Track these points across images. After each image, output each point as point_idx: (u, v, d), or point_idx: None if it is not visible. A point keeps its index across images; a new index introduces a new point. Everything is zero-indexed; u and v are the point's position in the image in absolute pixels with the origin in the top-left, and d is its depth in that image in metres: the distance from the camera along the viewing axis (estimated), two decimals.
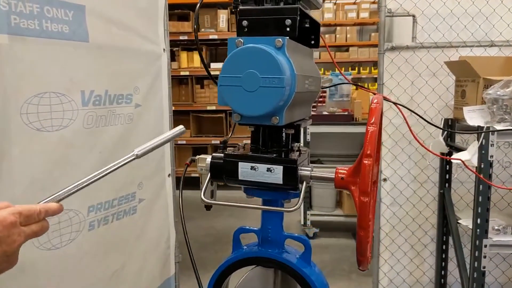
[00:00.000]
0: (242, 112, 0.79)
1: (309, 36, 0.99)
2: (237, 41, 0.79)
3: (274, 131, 0.89)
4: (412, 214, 2.63)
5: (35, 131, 1.91)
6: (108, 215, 2.30)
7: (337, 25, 9.10)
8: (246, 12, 0.84)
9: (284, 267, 0.95)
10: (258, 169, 0.85)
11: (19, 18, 1.79)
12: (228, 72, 0.77)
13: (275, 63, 0.74)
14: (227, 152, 0.89)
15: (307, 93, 0.88)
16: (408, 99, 2.56)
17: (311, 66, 0.96)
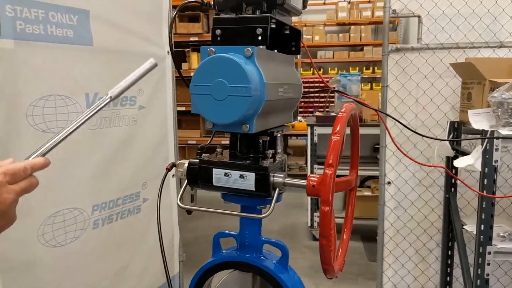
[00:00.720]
0: (212, 120, 0.81)
1: (289, 43, 1.00)
2: (209, 50, 0.81)
3: (249, 138, 0.91)
4: (417, 218, 2.60)
5: (41, 132, 1.96)
6: (112, 214, 2.35)
7: (351, 24, 9.04)
8: (219, 21, 0.86)
9: (260, 272, 0.96)
10: (231, 176, 0.86)
11: (24, 23, 1.84)
12: (199, 81, 0.79)
13: (243, 72, 0.75)
14: (202, 158, 0.91)
15: (281, 100, 0.89)
16: (413, 101, 2.54)
17: (289, 73, 0.97)
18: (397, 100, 2.55)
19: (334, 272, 0.84)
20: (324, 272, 0.82)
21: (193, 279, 1.00)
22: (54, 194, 2.04)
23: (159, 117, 2.59)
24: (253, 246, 0.97)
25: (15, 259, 1.87)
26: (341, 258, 0.94)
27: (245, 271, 0.98)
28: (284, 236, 4.21)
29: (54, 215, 2.04)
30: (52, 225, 2.03)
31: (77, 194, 2.15)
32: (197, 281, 0.99)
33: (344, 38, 9.00)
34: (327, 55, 9.22)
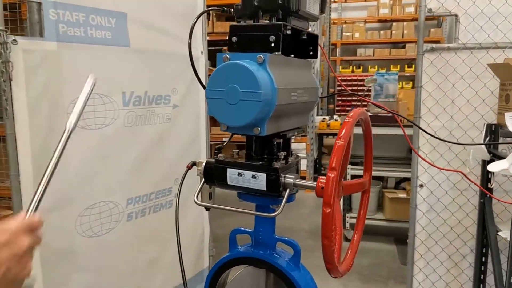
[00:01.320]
0: (225, 122, 0.85)
1: (307, 47, 1.03)
2: (224, 57, 0.85)
3: (262, 140, 0.94)
4: (450, 222, 2.54)
5: (80, 129, 2.08)
6: (145, 208, 2.45)
7: (393, 21, 8.83)
8: (235, 28, 0.90)
9: (272, 269, 1.00)
10: (244, 176, 0.90)
11: (66, 26, 1.96)
12: (214, 86, 0.83)
13: (253, 78, 0.79)
14: (218, 158, 0.96)
15: (295, 104, 0.92)
16: (448, 102, 2.48)
17: (304, 77, 1.00)
18: (431, 101, 2.50)
19: (339, 271, 0.86)
20: (328, 271, 0.84)
21: (210, 272, 1.05)
22: (91, 187, 2.15)
23: (192, 115, 2.67)
24: (267, 244, 1.00)
25: (54, 247, 2.00)
26: (350, 259, 0.96)
27: (259, 267, 1.02)
28: (314, 236, 4.21)
29: (91, 207, 2.16)
30: (89, 216, 2.15)
31: (112, 187, 2.26)
32: (214, 274, 1.04)
33: (385, 35, 8.83)
34: (367, 52, 9.08)
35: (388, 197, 3.98)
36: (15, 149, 1.81)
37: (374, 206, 4.10)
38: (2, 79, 1.73)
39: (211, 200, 1.04)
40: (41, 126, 1.90)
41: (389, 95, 4.18)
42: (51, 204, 1.98)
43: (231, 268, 1.06)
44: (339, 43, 9.05)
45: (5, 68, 1.72)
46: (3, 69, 1.72)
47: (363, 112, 0.88)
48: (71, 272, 2.09)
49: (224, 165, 0.93)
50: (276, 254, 1.02)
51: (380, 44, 8.98)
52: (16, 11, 2.77)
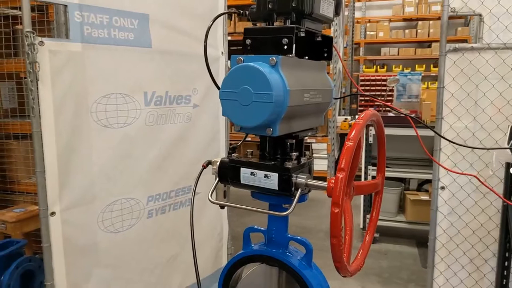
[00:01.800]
0: (238, 123, 0.87)
1: (321, 49, 1.04)
2: (238, 59, 0.87)
3: (275, 141, 0.96)
4: (472, 226, 2.49)
5: (103, 127, 2.14)
6: (165, 206, 2.50)
7: (419, 20, 8.70)
8: (249, 31, 0.92)
9: (285, 267, 1.01)
10: (257, 175, 0.92)
11: (91, 28, 2.02)
12: (227, 87, 0.86)
13: (265, 80, 0.80)
14: (231, 157, 0.98)
15: (308, 105, 0.93)
16: (471, 103, 2.44)
17: (318, 78, 1.01)
18: (454, 102, 2.46)
19: (348, 271, 0.87)
20: (337, 269, 0.85)
21: (224, 269, 1.07)
22: (113, 184, 2.21)
23: (212, 115, 2.71)
24: (279, 242, 1.02)
25: (77, 242, 2.06)
26: (361, 259, 0.96)
27: (271, 265, 1.04)
28: None
29: (112, 203, 2.22)
30: (111, 213, 2.21)
31: (134, 185, 2.32)
32: (228, 271, 1.07)
33: (410, 34, 8.70)
34: (391, 51, 8.96)
35: (410, 199, 3.93)
36: (41, 146, 1.87)
37: (395, 208, 4.05)
38: (30, 79, 1.79)
39: (226, 198, 1.06)
40: (66, 125, 1.96)
41: (412, 95, 4.12)
42: (75, 200, 2.05)
43: (245, 265, 1.08)
44: (363, 43, 8.95)
45: (32, 68, 1.78)
46: (30, 70, 1.78)
47: (374, 114, 0.88)
48: (93, 267, 2.15)
49: (237, 165, 0.95)
50: (288, 253, 1.03)
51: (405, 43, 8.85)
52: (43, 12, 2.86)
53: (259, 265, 1.06)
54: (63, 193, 2.00)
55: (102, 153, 2.15)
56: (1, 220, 2.74)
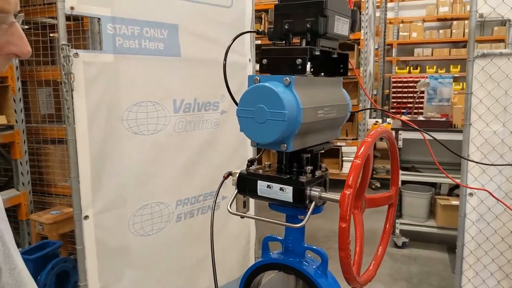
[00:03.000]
0: (254, 139, 0.92)
1: (338, 65, 1.07)
2: (254, 79, 0.92)
3: (290, 155, 1.00)
4: (501, 232, 2.45)
5: (133, 134, 2.24)
6: (193, 210, 2.57)
7: (454, 19, 8.49)
8: (266, 51, 0.97)
9: (301, 275, 1.05)
10: (273, 188, 0.97)
11: (122, 39, 2.11)
12: (244, 106, 0.91)
13: (279, 99, 0.85)
14: (249, 170, 1.03)
15: (322, 121, 0.97)
16: (500, 109, 2.39)
17: (333, 94, 1.04)
18: (482, 108, 2.42)
19: (357, 282, 0.90)
20: (346, 280, 0.88)
21: (244, 276, 1.13)
22: (144, 189, 2.31)
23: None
24: (296, 251, 1.06)
25: (109, 245, 2.17)
26: (373, 270, 0.99)
27: (288, 273, 1.08)
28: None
29: (143, 207, 2.31)
30: (141, 217, 2.30)
31: (163, 190, 2.41)
32: (247, 278, 1.12)
33: (445, 34, 8.51)
34: (425, 52, 8.79)
35: (440, 204, 3.87)
36: (75, 153, 1.98)
37: (425, 213, 4.00)
38: (65, 89, 1.90)
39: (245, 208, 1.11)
40: (98, 132, 2.07)
41: (443, 99, 4.05)
42: (107, 204, 2.15)
43: (264, 273, 1.13)
44: (396, 43, 8.83)
45: (68, 79, 1.89)
46: (65, 80, 1.89)
47: (385, 131, 0.91)
48: (124, 268, 2.25)
49: (254, 178, 1.00)
50: (304, 262, 1.07)
51: (439, 43, 8.66)
52: (79, 22, 3.00)
53: (277, 272, 1.10)
54: (96, 197, 2.10)
55: (133, 159, 2.25)
56: (39, 221, 2.90)
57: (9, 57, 0.67)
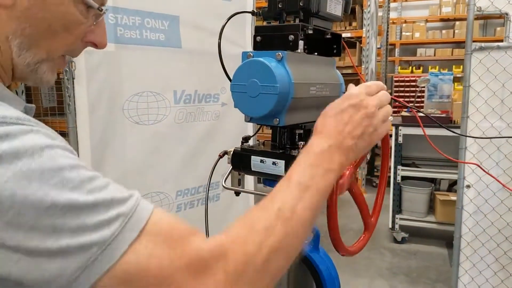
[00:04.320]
0: (247, 114, 0.95)
1: (331, 46, 1.10)
2: (248, 55, 0.95)
3: (283, 132, 1.03)
4: (498, 225, 2.47)
5: (134, 124, 2.27)
6: (194, 200, 2.60)
7: (457, 20, 8.50)
8: (259, 29, 1.00)
9: None
10: (266, 162, 0.99)
11: (123, 29, 2.14)
12: (237, 81, 0.93)
13: (271, 73, 0.88)
14: (243, 146, 1.06)
15: (314, 98, 1.00)
16: (497, 102, 2.42)
17: (326, 73, 1.07)
18: (480, 100, 2.45)
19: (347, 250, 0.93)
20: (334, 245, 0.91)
21: None
22: (144, 179, 2.34)
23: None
24: None
25: None
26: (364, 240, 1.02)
27: None
28: None
29: (143, 197, 2.33)
30: None
31: (163, 180, 2.44)
32: None
33: (447, 34, 8.52)
34: (428, 52, 8.80)
35: (440, 199, 3.89)
36: (76, 141, 2.02)
37: (425, 209, 4.01)
38: (66, 77, 1.94)
39: (240, 186, 1.14)
40: (99, 121, 2.10)
41: (444, 95, 4.07)
42: None
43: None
44: (398, 43, 8.84)
45: (69, 67, 1.93)
46: (66, 68, 1.93)
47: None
48: None
49: (248, 153, 1.03)
50: None
51: (442, 44, 8.67)
52: None
53: None
54: None
55: (134, 149, 2.28)
56: None
57: (87, 44, 0.71)
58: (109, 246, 0.52)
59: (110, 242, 0.52)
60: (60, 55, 0.68)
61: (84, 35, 0.68)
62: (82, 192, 0.53)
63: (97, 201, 0.54)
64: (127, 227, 0.54)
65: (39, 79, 0.66)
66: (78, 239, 0.51)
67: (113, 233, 0.53)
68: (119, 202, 0.56)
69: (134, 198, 0.59)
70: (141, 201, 0.59)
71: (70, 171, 0.53)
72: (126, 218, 0.55)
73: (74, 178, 0.53)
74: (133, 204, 0.57)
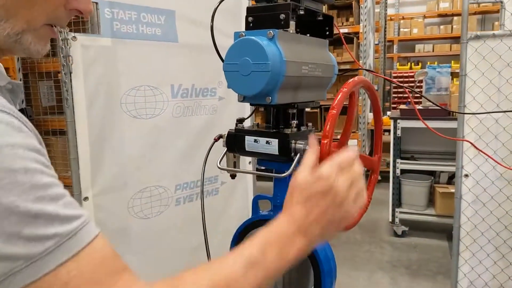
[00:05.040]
0: (240, 92, 0.96)
1: (323, 28, 1.11)
2: (240, 34, 0.96)
3: (277, 111, 1.04)
4: (497, 213, 2.47)
5: (132, 118, 2.27)
6: (193, 194, 2.61)
7: (454, 15, 8.52)
8: (251, 9, 1.01)
9: None
10: (259, 142, 1.00)
11: (120, 24, 2.15)
12: (230, 60, 0.94)
13: (262, 51, 0.89)
14: (237, 127, 1.07)
15: (307, 77, 1.00)
16: (494, 90, 2.42)
17: (318, 54, 1.08)
18: (476, 89, 2.45)
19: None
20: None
21: (234, 235, 1.16)
22: (143, 172, 2.34)
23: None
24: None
25: (110, 227, 2.20)
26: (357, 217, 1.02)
27: None
28: (364, 231, 4.20)
29: (142, 190, 2.35)
30: (140, 199, 2.34)
31: (162, 173, 2.44)
32: (238, 236, 1.15)
33: (445, 30, 8.54)
34: (426, 48, 8.81)
35: (439, 191, 3.89)
36: (74, 134, 2.03)
37: (424, 201, 4.02)
38: (63, 72, 1.95)
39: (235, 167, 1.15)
40: (97, 115, 2.11)
41: (442, 88, 4.08)
42: (107, 186, 2.19)
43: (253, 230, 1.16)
44: (396, 40, 8.86)
45: (66, 62, 1.94)
46: (64, 63, 1.94)
47: (362, 81, 0.94)
48: (125, 251, 2.28)
49: (242, 133, 1.04)
50: None
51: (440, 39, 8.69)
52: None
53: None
54: (95, 179, 2.14)
55: (132, 142, 2.29)
56: None
57: (72, 12, 0.69)
58: (34, 263, 0.51)
59: (37, 259, 0.52)
60: (43, 24, 0.66)
61: (66, 2, 0.66)
62: (29, 199, 0.51)
63: (39, 213, 0.52)
64: (60, 249, 0.53)
65: (26, 50, 0.65)
66: (9, 247, 0.50)
67: (43, 251, 0.52)
68: (63, 220, 0.54)
69: (81, 220, 0.57)
70: (88, 224, 0.58)
71: (23, 174, 0.51)
72: (62, 240, 0.53)
73: (25, 183, 0.51)
74: (76, 226, 0.55)
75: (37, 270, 0.52)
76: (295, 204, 0.74)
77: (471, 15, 8.21)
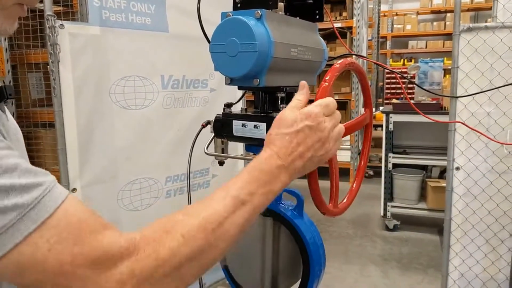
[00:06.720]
0: (227, 74, 0.93)
1: (314, 11, 1.09)
2: (227, 15, 0.93)
3: (265, 95, 1.02)
4: (488, 206, 2.47)
5: (121, 108, 2.24)
6: (183, 186, 2.58)
7: (448, 12, 8.54)
8: None
9: (277, 217, 1.07)
10: (247, 126, 0.98)
11: (109, 12, 2.12)
12: (216, 41, 0.92)
13: (250, 30, 0.86)
14: (225, 112, 1.04)
15: (296, 60, 0.98)
16: (486, 82, 2.41)
17: (308, 37, 1.05)
18: (468, 81, 2.45)
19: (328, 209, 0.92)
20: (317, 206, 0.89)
21: None
22: (132, 164, 2.31)
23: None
24: None
25: None
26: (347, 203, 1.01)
27: (265, 215, 1.10)
28: (356, 225, 4.20)
29: (132, 182, 2.32)
30: (130, 191, 2.31)
31: (152, 165, 2.42)
32: None
33: (438, 26, 8.57)
34: (419, 45, 8.84)
35: (431, 186, 3.89)
36: (62, 124, 1.99)
37: (416, 196, 4.02)
38: (51, 60, 1.91)
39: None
40: (85, 104, 2.07)
41: (434, 82, 4.08)
42: (95, 177, 2.16)
43: None
44: (390, 36, 8.87)
45: (53, 50, 1.90)
46: (51, 51, 1.90)
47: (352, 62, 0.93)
48: None
49: (230, 118, 1.01)
50: (281, 204, 1.09)
51: (433, 36, 8.72)
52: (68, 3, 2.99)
53: None
54: (83, 170, 2.11)
55: (121, 133, 2.26)
56: None
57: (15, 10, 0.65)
58: (0, 235, 0.51)
59: (1, 232, 0.50)
60: (14, 3, 0.64)
61: None
62: None
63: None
64: (25, 219, 0.52)
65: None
66: None
67: (6, 223, 0.51)
68: (21, 190, 0.53)
69: (43, 187, 0.55)
70: (53, 189, 0.56)
71: None
72: (25, 210, 0.52)
73: None
74: (38, 194, 0.54)
75: (5, 243, 0.51)
76: (280, 139, 0.76)
77: (464, 12, 8.23)
